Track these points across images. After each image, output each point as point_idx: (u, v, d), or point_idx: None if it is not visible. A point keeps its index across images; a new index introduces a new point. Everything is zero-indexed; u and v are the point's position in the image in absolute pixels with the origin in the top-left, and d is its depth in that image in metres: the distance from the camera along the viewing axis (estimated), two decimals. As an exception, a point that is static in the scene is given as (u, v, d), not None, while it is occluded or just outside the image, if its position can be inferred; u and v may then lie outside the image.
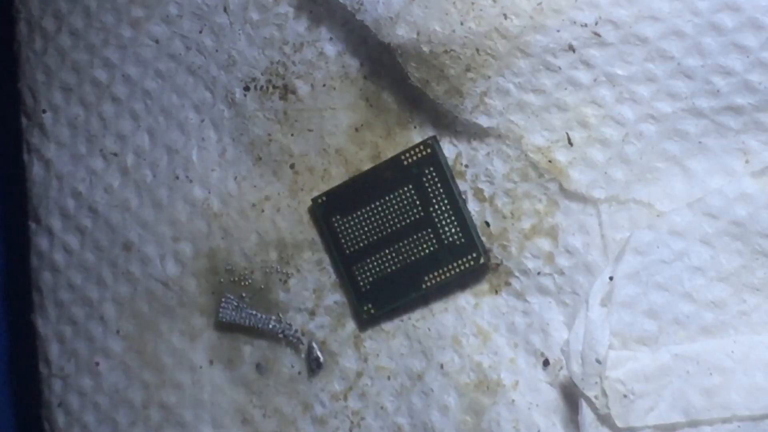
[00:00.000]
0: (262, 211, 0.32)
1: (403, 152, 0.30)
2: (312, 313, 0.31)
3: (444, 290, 0.30)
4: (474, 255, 0.30)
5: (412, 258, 0.30)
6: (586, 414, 0.27)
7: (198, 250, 0.32)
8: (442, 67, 0.29)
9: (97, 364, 0.33)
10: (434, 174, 0.30)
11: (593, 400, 0.27)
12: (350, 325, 0.31)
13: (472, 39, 0.29)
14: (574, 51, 0.28)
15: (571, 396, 0.28)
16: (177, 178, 0.33)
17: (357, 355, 0.31)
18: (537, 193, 0.29)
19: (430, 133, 0.31)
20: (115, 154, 0.33)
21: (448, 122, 0.30)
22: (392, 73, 0.30)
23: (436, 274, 0.30)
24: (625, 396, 0.27)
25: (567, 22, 0.28)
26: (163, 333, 0.32)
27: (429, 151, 0.30)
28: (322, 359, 0.31)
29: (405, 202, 0.31)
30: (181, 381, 0.32)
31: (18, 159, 0.35)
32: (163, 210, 0.33)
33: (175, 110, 0.33)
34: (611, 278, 0.27)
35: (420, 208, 0.30)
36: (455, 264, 0.30)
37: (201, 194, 0.32)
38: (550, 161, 0.29)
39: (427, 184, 0.30)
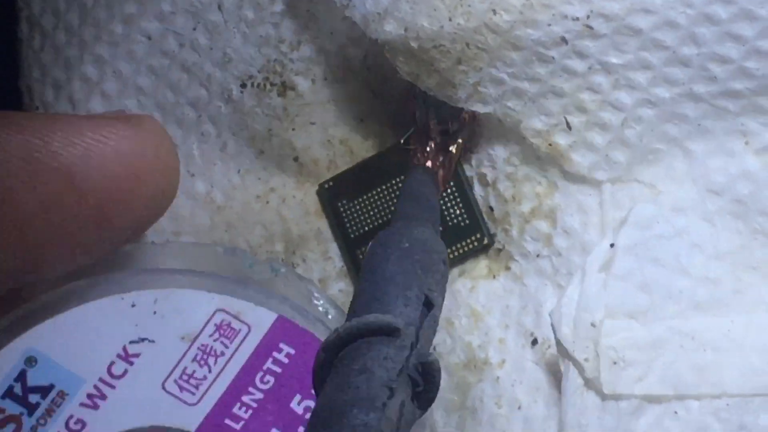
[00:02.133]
0: (267, 202, 0.34)
1: (409, 137, 0.32)
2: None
3: (443, 275, 0.33)
4: (478, 236, 0.32)
5: None
6: (572, 379, 0.28)
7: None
8: (431, 61, 0.31)
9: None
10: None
11: (582, 362, 0.28)
12: None
13: (461, 34, 0.30)
14: (566, 43, 0.30)
15: (555, 374, 0.30)
16: (178, 173, 0.35)
17: None
18: (537, 175, 0.31)
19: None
20: (108, 151, 0.36)
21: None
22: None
23: (440, 256, 0.33)
24: (615, 363, 0.28)
25: (558, 16, 0.30)
26: (168, 326, 0.35)
27: None
28: None
29: None
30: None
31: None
32: (163, 206, 0.35)
33: (171, 106, 0.35)
34: (612, 245, 0.29)
35: None
36: (459, 245, 0.32)
37: (203, 188, 0.34)
38: (550, 144, 0.30)
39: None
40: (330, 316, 0.29)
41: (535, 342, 0.31)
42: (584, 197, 0.31)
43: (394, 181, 0.33)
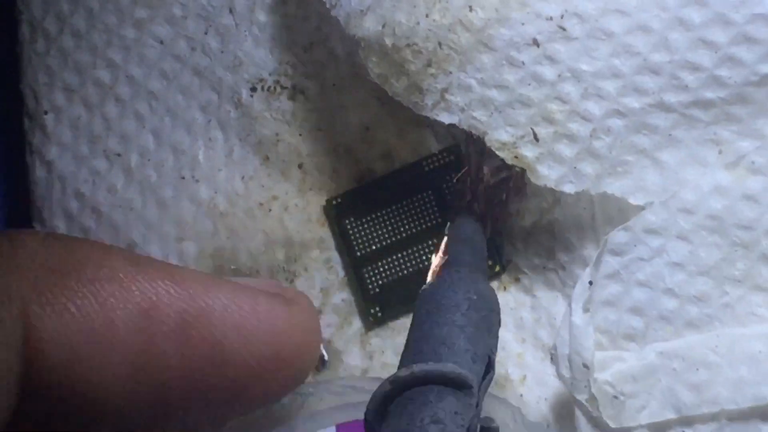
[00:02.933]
0: (270, 210, 0.34)
1: (425, 158, 0.33)
2: (319, 312, 0.33)
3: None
4: (490, 263, 0.32)
5: (424, 264, 0.33)
6: (580, 417, 0.29)
7: (202, 250, 0.34)
8: (402, 62, 0.30)
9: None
10: (455, 181, 0.32)
11: (584, 403, 0.29)
12: (356, 323, 0.33)
13: (435, 32, 0.30)
14: (538, 46, 0.30)
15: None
16: (183, 178, 0.35)
17: (362, 353, 0.33)
18: (542, 190, 0.31)
19: (442, 130, 0.33)
20: (119, 155, 0.35)
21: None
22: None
23: (447, 280, 0.33)
24: (615, 397, 0.29)
25: (532, 14, 0.30)
26: (167, 333, 0.36)
27: (452, 158, 0.33)
28: (327, 358, 0.33)
29: (423, 207, 0.33)
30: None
31: (21, 161, 0.37)
32: (168, 210, 0.35)
33: (181, 111, 0.35)
34: (591, 283, 0.29)
35: (437, 215, 0.33)
36: None
37: (207, 194, 0.35)
38: (516, 157, 0.30)
39: (447, 191, 0.33)
40: (366, 387, 0.28)
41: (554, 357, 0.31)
42: (580, 211, 0.31)
43: (403, 203, 0.33)
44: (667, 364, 0.29)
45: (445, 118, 0.31)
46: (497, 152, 0.30)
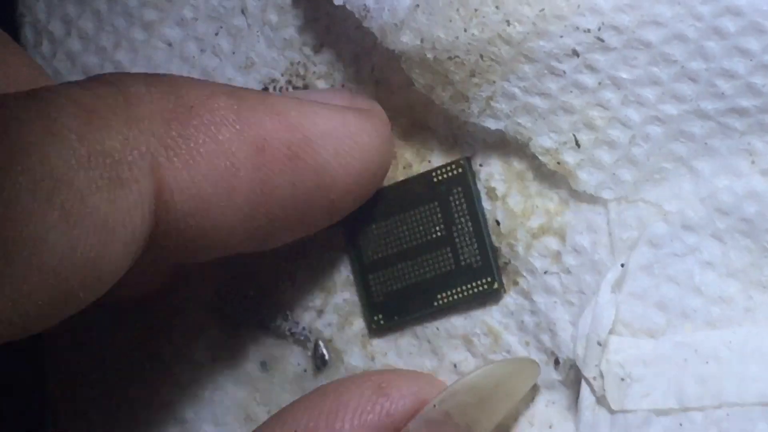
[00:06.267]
0: None
1: (435, 169, 0.33)
2: (320, 311, 0.34)
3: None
4: (488, 279, 0.33)
5: (428, 275, 0.33)
6: (586, 396, 0.30)
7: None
8: (446, 73, 0.31)
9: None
10: (462, 194, 0.33)
11: (591, 381, 0.30)
12: (358, 324, 0.34)
13: (475, 45, 0.31)
14: (578, 56, 0.31)
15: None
16: (190, 178, 0.36)
17: (364, 353, 0.34)
18: (549, 192, 0.32)
19: (444, 132, 0.34)
20: (126, 156, 0.37)
21: (461, 122, 0.33)
22: (406, 76, 0.33)
23: (448, 293, 0.33)
24: (622, 379, 0.29)
25: (570, 28, 0.31)
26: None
27: (460, 171, 0.33)
28: (327, 357, 0.34)
29: (429, 218, 0.34)
30: (182, 378, 0.35)
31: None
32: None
33: None
34: (623, 265, 0.30)
35: (443, 227, 0.33)
36: (469, 286, 0.33)
37: None
38: (558, 162, 0.31)
39: (453, 204, 0.33)
40: None
41: (557, 362, 0.32)
42: (594, 216, 0.32)
43: (413, 212, 0.34)
44: (680, 354, 0.30)
45: (492, 124, 0.32)
46: (540, 157, 0.32)
